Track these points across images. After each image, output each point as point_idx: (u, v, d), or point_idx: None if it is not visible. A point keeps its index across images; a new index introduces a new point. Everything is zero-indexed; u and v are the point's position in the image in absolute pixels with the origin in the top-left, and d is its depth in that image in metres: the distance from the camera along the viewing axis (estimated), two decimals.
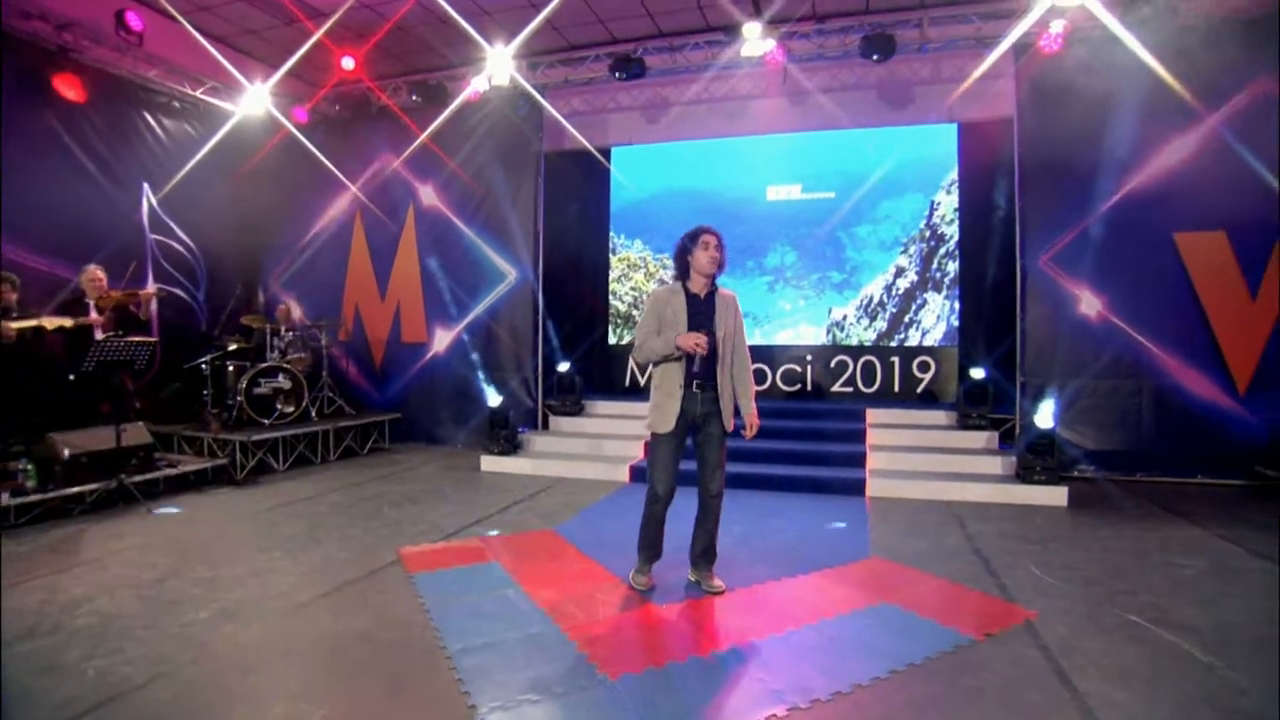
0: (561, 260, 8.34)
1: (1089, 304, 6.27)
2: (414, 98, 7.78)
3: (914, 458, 6.29)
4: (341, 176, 8.29)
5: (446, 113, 7.68)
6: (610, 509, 5.39)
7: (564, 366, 7.73)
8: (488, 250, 7.92)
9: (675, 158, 8.63)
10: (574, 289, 8.62)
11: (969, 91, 6.93)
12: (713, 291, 3.42)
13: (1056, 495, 5.42)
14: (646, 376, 8.64)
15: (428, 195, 8.15)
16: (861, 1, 6.73)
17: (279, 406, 6.93)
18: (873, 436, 6.71)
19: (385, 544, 4.36)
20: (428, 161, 7.99)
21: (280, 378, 6.97)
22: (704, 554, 3.59)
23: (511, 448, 6.92)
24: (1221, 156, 5.86)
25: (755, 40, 6.50)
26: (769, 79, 7.91)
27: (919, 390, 7.82)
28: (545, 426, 7.74)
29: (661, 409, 3.39)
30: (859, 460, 6.30)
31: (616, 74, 7.15)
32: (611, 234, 8.83)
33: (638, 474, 6.37)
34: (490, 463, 6.81)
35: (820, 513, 5.26)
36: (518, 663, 2.78)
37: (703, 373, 3.34)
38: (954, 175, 7.68)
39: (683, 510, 3.56)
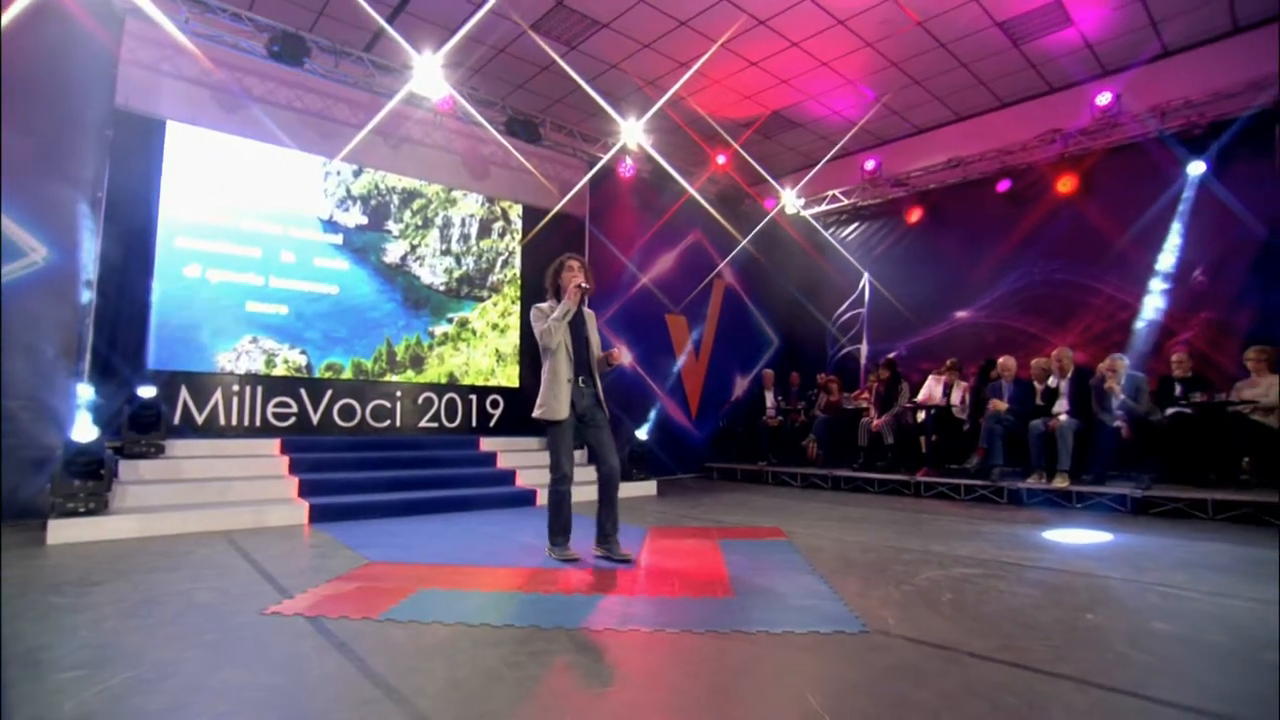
0: (118, 251, 5.92)
1: (625, 357, 8.99)
2: None
3: (543, 474, 7.51)
4: None
5: None
6: (381, 537, 4.69)
7: (149, 392, 5.52)
8: None
9: (240, 156, 7.31)
10: (129, 292, 6.14)
11: (536, 185, 8.95)
12: (580, 308, 4.20)
13: (650, 487, 7.70)
14: (205, 414, 6.85)
15: None
16: (507, 88, 7.93)
17: None
18: (501, 460, 7.56)
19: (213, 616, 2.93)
20: None
21: None
22: (613, 524, 4.15)
23: (103, 504, 4.64)
24: (680, 265, 9.67)
25: (428, 81, 6.80)
26: (367, 110, 7.86)
27: (492, 424, 8.95)
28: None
29: (558, 398, 3.99)
30: (511, 478, 7.12)
31: (272, 51, 6.05)
32: (159, 232, 6.68)
33: (322, 513, 5.48)
34: (68, 529, 4.39)
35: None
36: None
37: (583, 370, 4.12)
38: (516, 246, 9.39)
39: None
